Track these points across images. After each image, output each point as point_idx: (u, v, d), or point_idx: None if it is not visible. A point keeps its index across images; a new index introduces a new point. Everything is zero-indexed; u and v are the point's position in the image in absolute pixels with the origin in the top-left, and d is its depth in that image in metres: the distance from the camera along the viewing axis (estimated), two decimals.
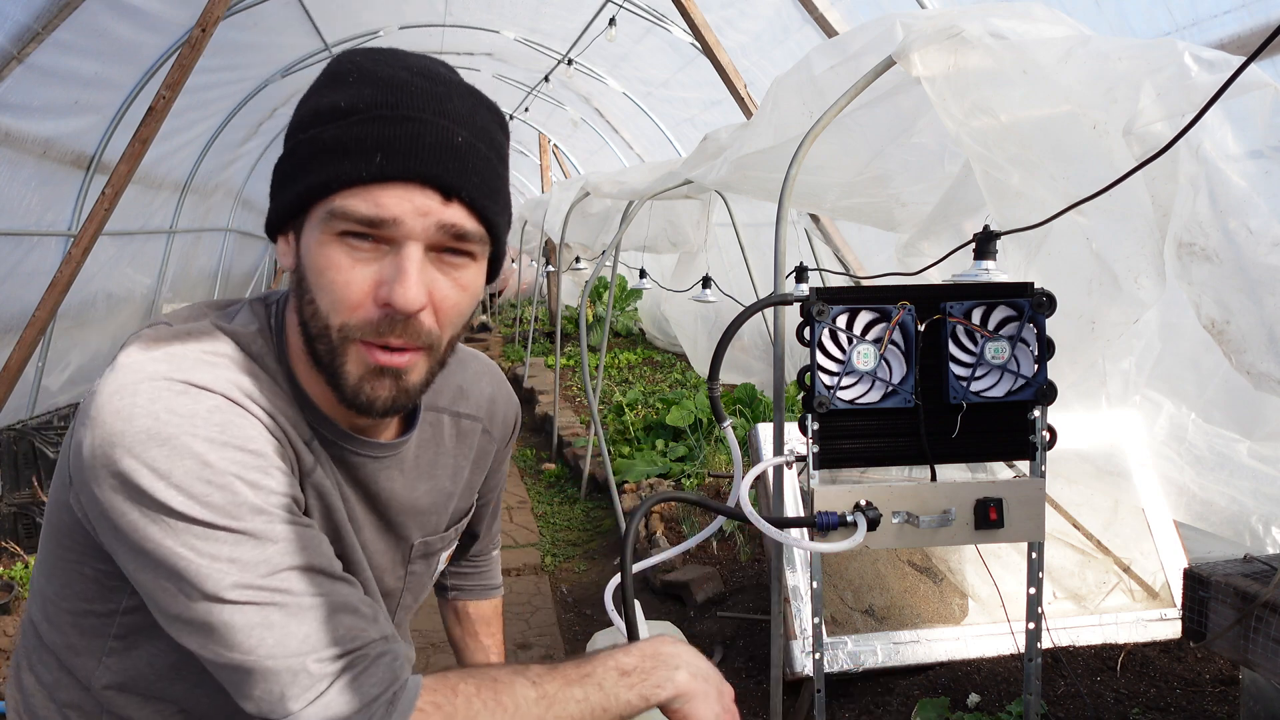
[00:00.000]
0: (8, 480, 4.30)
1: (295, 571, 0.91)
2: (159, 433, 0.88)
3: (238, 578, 0.89)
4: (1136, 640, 2.82)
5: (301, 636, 0.90)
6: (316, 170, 0.92)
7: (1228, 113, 1.61)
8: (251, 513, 0.90)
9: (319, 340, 0.96)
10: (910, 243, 2.42)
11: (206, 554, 0.88)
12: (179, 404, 0.89)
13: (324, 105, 0.94)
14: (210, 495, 0.88)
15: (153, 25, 5.18)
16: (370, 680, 0.91)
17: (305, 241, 0.96)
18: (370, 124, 0.91)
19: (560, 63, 8.82)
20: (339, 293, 0.93)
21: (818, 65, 2.19)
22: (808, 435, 1.58)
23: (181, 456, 0.88)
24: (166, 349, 0.94)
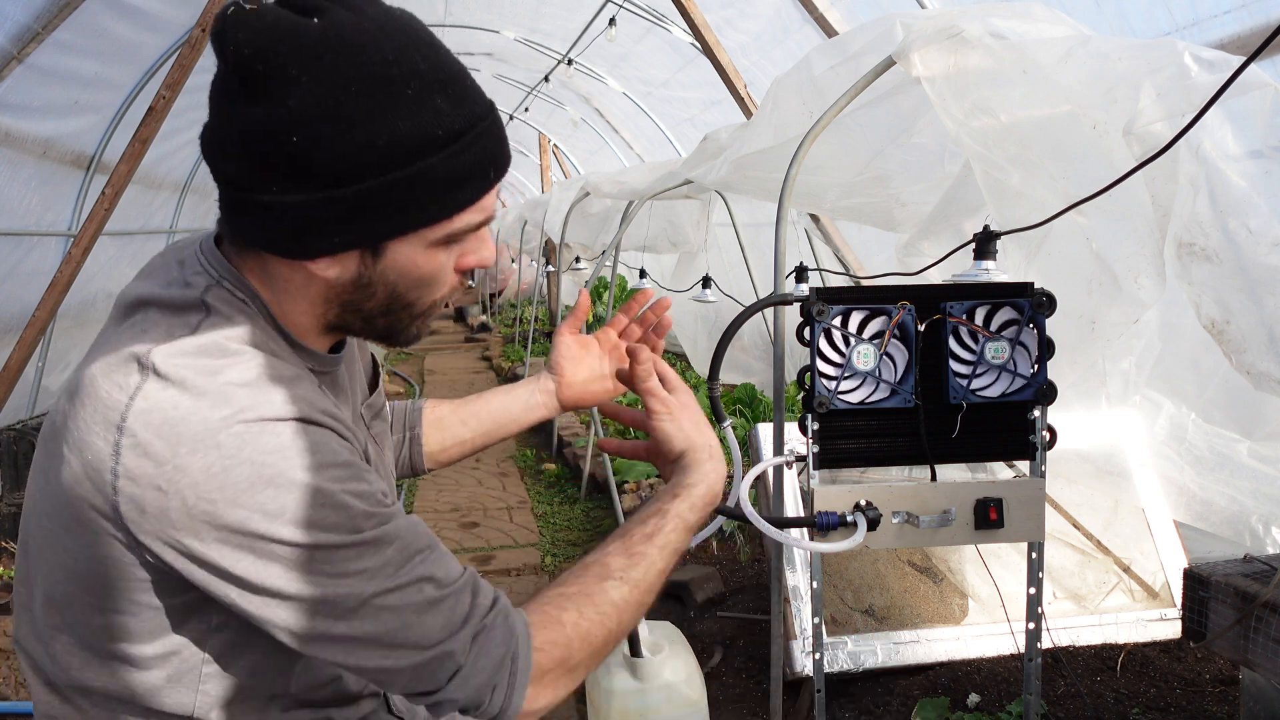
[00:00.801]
0: (8, 480, 4.30)
1: (413, 562, 0.96)
2: (260, 476, 0.88)
3: (372, 588, 0.93)
4: (1136, 640, 2.82)
5: (438, 625, 0.96)
6: (438, 203, 0.95)
7: (1228, 113, 1.61)
8: (365, 520, 0.93)
9: (388, 314, 1.04)
10: (910, 243, 2.42)
11: (337, 574, 0.92)
12: (265, 443, 0.89)
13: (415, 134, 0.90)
14: (327, 518, 0.90)
15: (153, 25, 5.18)
16: (495, 640, 0.99)
17: (396, 256, 0.97)
18: (476, 145, 0.94)
19: (560, 63, 8.82)
20: (439, 280, 1.02)
21: (818, 65, 2.19)
22: (808, 435, 1.58)
23: (290, 491, 0.89)
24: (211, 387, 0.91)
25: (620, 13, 6.93)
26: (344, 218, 0.92)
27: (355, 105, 0.87)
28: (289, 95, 0.86)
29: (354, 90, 0.87)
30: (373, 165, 0.89)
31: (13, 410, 4.83)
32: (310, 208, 0.91)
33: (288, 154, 0.88)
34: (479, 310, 14.98)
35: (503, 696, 1.00)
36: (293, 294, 1.02)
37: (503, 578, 4.46)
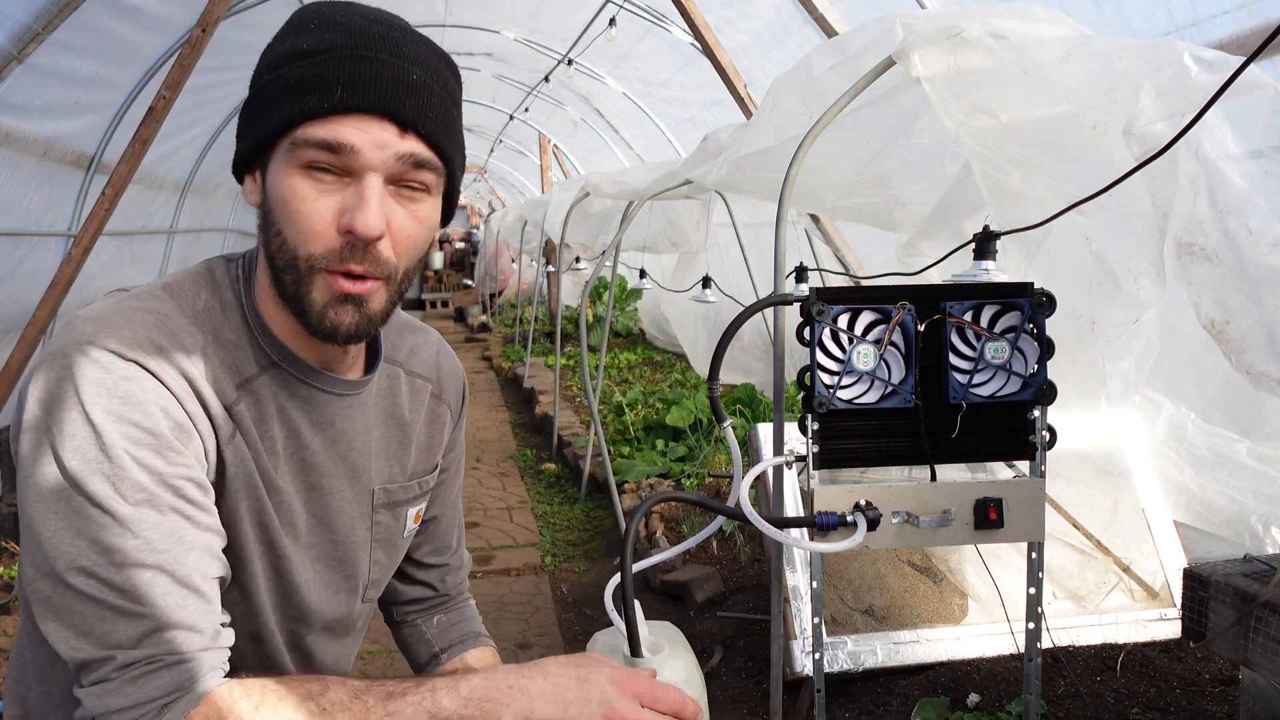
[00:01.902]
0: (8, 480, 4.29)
1: (143, 569, 0.93)
2: (72, 398, 0.93)
3: (86, 563, 0.92)
4: (1136, 640, 2.82)
5: (123, 633, 0.92)
6: (281, 107, 0.99)
7: (1228, 113, 1.61)
8: (133, 490, 0.93)
9: (286, 272, 1.01)
10: (910, 243, 2.42)
11: (71, 529, 0.92)
12: (92, 373, 0.94)
13: (287, 49, 1.01)
14: (102, 464, 0.92)
15: (153, 25, 5.18)
16: (156, 682, 0.92)
17: (271, 176, 1.01)
18: (331, 62, 0.98)
19: (560, 63, 8.82)
20: (304, 222, 0.98)
21: (818, 65, 2.19)
22: (808, 435, 1.58)
23: (84, 423, 0.92)
24: (108, 309, 0.99)
25: (620, 13, 6.93)
26: (243, 124, 1.04)
27: (274, 45, 1.04)
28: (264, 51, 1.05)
29: (283, 31, 1.05)
30: (260, 74, 1.03)
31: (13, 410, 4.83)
32: (241, 118, 1.05)
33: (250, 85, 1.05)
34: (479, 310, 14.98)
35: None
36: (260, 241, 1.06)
37: (503, 577, 4.46)
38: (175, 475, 0.96)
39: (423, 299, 18.32)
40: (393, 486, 1.24)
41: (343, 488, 1.17)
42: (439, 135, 1.01)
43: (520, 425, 7.74)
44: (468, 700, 0.95)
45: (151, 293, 1.03)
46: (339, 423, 1.14)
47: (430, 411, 1.30)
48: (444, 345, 1.37)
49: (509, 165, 16.86)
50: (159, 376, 0.97)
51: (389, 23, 1.03)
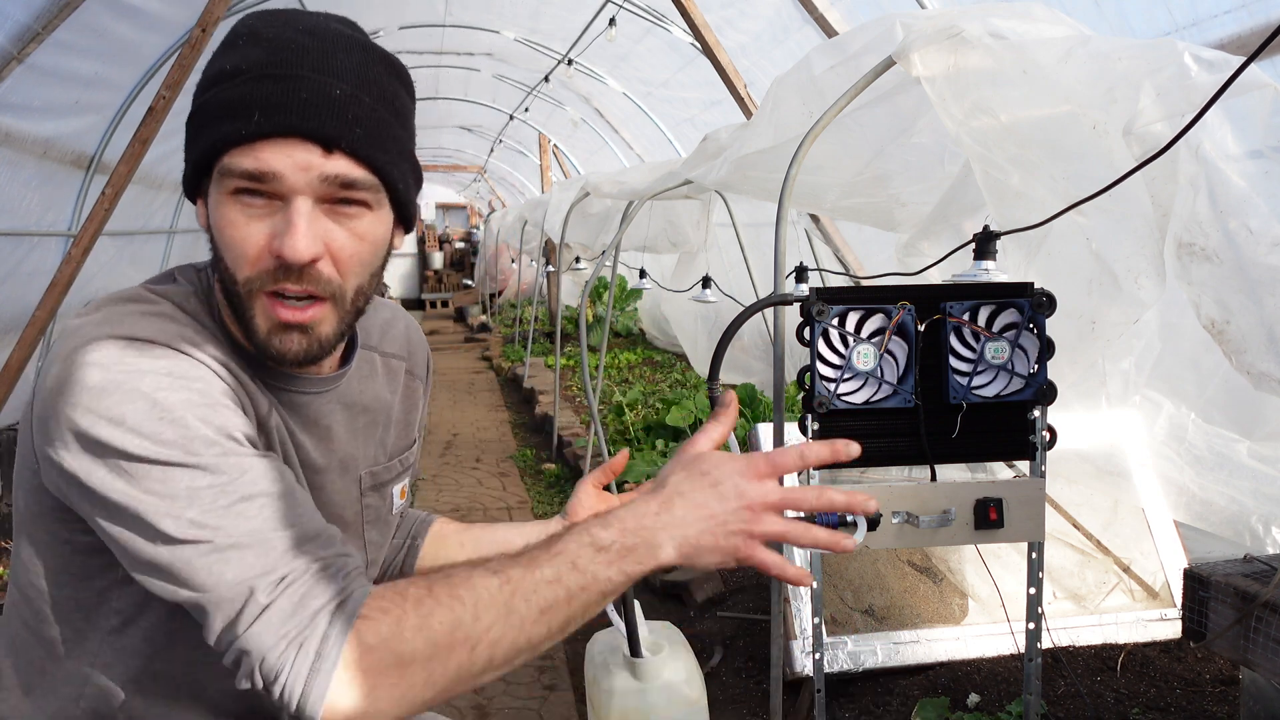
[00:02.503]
0: (7, 480, 4.29)
1: (249, 501, 0.92)
2: (109, 382, 0.90)
3: (194, 514, 0.90)
4: (1136, 640, 2.82)
5: (254, 564, 0.90)
6: (206, 134, 0.97)
7: (1228, 113, 1.61)
8: (205, 445, 0.91)
9: (232, 297, 1.00)
10: (910, 243, 2.42)
11: (164, 494, 0.90)
12: (125, 356, 0.92)
13: (214, 70, 0.99)
14: (163, 432, 0.90)
15: (153, 25, 5.17)
16: (315, 593, 0.89)
17: (210, 203, 1.00)
18: (251, 84, 0.95)
19: (560, 63, 8.81)
20: (239, 248, 0.97)
21: (818, 65, 2.19)
22: (808, 435, 1.58)
23: (132, 400, 0.90)
24: (106, 313, 0.97)
25: (620, 13, 6.93)
26: (186, 146, 1.01)
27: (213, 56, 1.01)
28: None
29: (217, 49, 1.01)
30: (195, 97, 1.00)
31: (13, 410, 4.82)
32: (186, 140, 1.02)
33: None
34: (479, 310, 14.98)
35: (306, 666, 0.86)
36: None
37: None
38: (238, 429, 0.95)
39: (423, 299, 18.33)
40: (377, 469, 1.25)
41: (335, 481, 1.17)
42: (369, 150, 0.98)
43: (520, 425, 7.74)
44: (623, 530, 0.96)
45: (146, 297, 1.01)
46: (323, 419, 1.15)
47: (405, 388, 1.31)
48: (409, 319, 1.39)
49: (509, 165, 16.87)
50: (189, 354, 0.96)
51: (320, 32, 0.99)
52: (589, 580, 0.94)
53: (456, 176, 20.14)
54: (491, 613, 0.91)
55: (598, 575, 0.94)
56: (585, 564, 0.94)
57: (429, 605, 0.90)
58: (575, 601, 0.95)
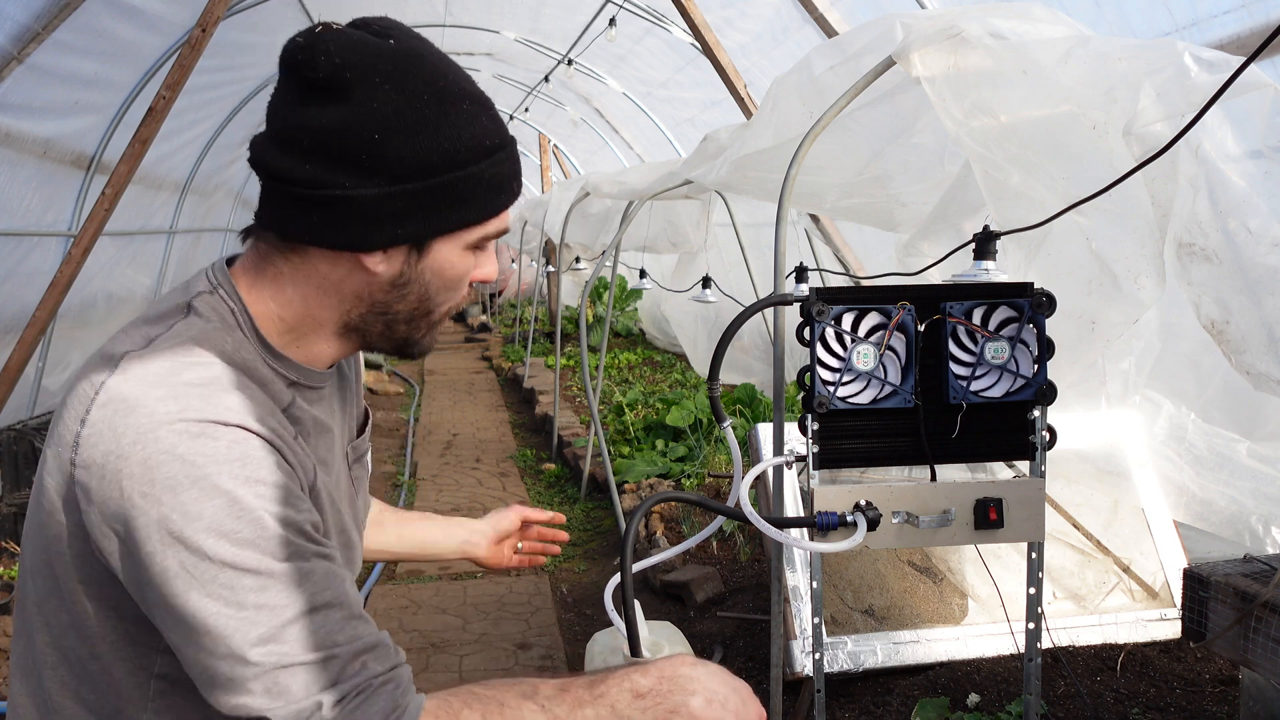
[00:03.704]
0: (8, 480, 4.30)
1: (315, 614, 0.95)
2: (189, 476, 0.91)
3: (262, 630, 0.92)
4: (1136, 640, 2.82)
5: (320, 679, 0.93)
6: (478, 204, 1.07)
7: (1227, 113, 1.61)
8: (279, 546, 0.94)
9: (409, 322, 1.13)
10: (910, 243, 2.42)
11: (234, 603, 0.92)
12: (201, 445, 0.93)
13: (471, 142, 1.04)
14: (241, 532, 0.92)
15: (153, 25, 5.18)
16: (372, 708, 0.94)
17: (436, 255, 1.08)
18: (510, 160, 1.09)
19: (560, 63, 8.82)
20: (460, 287, 1.13)
21: (818, 65, 2.19)
22: (808, 435, 1.58)
23: (211, 497, 0.92)
24: (166, 384, 0.96)
25: (620, 13, 6.93)
26: (408, 211, 1.03)
27: (427, 112, 1.01)
28: (373, 99, 0.99)
29: (425, 99, 1.02)
30: (439, 165, 1.02)
31: (13, 410, 4.83)
32: (381, 200, 1.02)
33: (367, 151, 1.00)
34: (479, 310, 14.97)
35: None
36: (325, 290, 1.09)
37: (503, 577, 4.46)
38: (306, 522, 0.99)
39: None
40: (356, 441, 1.31)
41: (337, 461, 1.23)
42: None
43: (520, 425, 7.74)
44: (660, 678, 1.05)
45: (189, 353, 1.01)
46: (328, 410, 1.21)
47: (356, 360, 1.37)
48: None
49: None
50: (259, 434, 0.98)
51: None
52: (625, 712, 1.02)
53: None
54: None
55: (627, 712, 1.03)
56: (624, 708, 1.02)
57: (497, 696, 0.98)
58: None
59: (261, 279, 1.09)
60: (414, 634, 3.74)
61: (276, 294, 1.09)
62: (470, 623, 3.96)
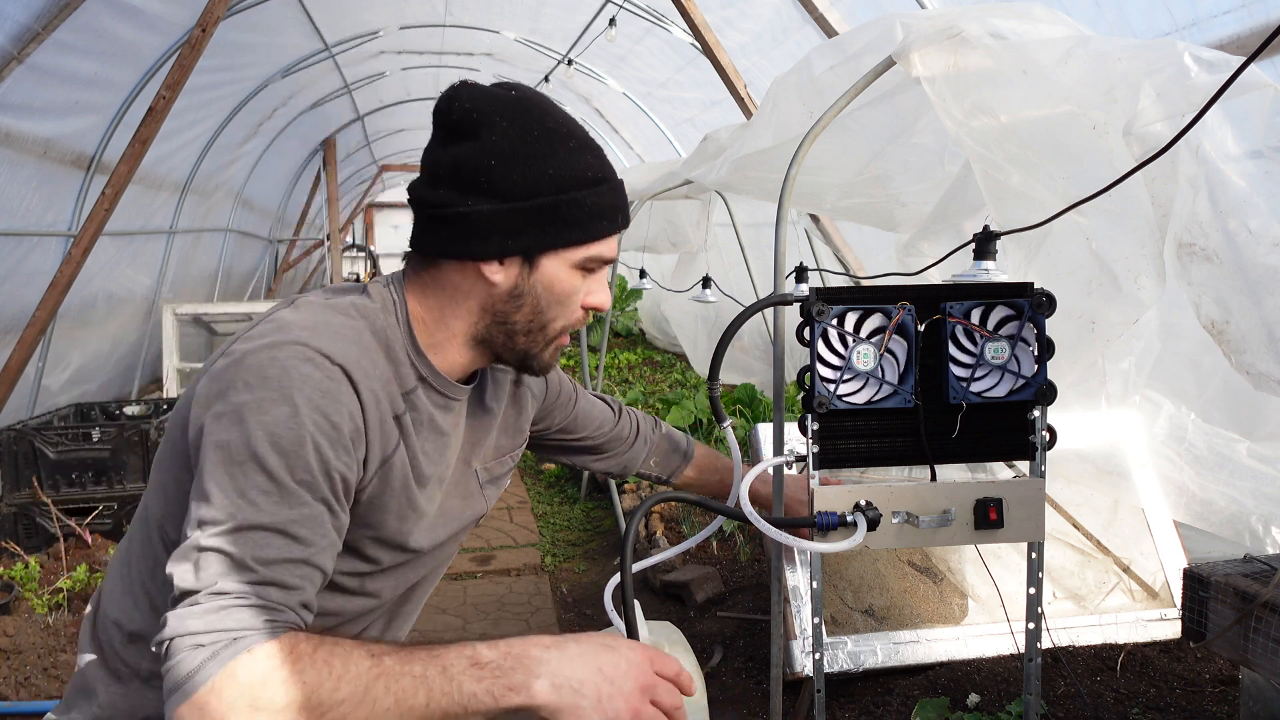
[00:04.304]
0: (8, 480, 4.29)
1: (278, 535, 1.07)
2: (278, 378, 1.11)
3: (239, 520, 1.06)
4: (1136, 640, 2.82)
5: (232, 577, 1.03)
6: (582, 228, 1.27)
7: (1227, 113, 1.61)
8: (302, 470, 1.10)
9: (528, 334, 1.32)
10: (910, 243, 2.42)
11: (237, 489, 1.07)
12: (303, 368, 1.13)
13: (574, 172, 1.26)
14: (284, 439, 1.09)
15: (153, 25, 5.17)
16: (237, 616, 1.00)
17: (545, 270, 1.29)
18: (613, 193, 1.30)
19: (560, 63, 8.81)
20: (571, 305, 1.32)
21: (818, 65, 2.19)
22: (808, 435, 1.58)
23: (283, 404, 1.10)
24: (314, 316, 1.21)
25: (620, 13, 6.93)
26: (518, 226, 1.25)
27: (537, 147, 1.25)
28: (493, 135, 1.24)
29: (535, 134, 1.25)
30: (545, 188, 1.25)
31: (13, 410, 4.83)
32: (494, 216, 1.24)
33: (485, 175, 1.23)
34: None
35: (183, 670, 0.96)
36: (457, 299, 1.31)
37: (503, 577, 4.46)
38: (337, 470, 1.14)
39: None
40: (490, 464, 1.53)
41: (460, 474, 1.45)
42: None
43: None
44: (506, 653, 1.06)
45: (347, 311, 1.25)
46: (458, 422, 1.41)
47: (511, 396, 1.58)
48: None
49: None
50: (356, 386, 1.17)
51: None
52: (452, 689, 1.01)
53: None
54: (349, 688, 0.99)
55: (463, 687, 1.01)
56: (456, 673, 1.02)
57: (304, 664, 0.99)
58: (434, 704, 1.00)
59: (414, 288, 1.33)
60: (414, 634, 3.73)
61: (423, 299, 1.32)
62: (470, 623, 3.96)
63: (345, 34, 8.04)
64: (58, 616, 3.30)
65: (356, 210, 18.66)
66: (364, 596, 1.34)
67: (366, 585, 1.33)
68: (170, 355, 6.88)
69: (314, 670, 0.98)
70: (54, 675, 2.99)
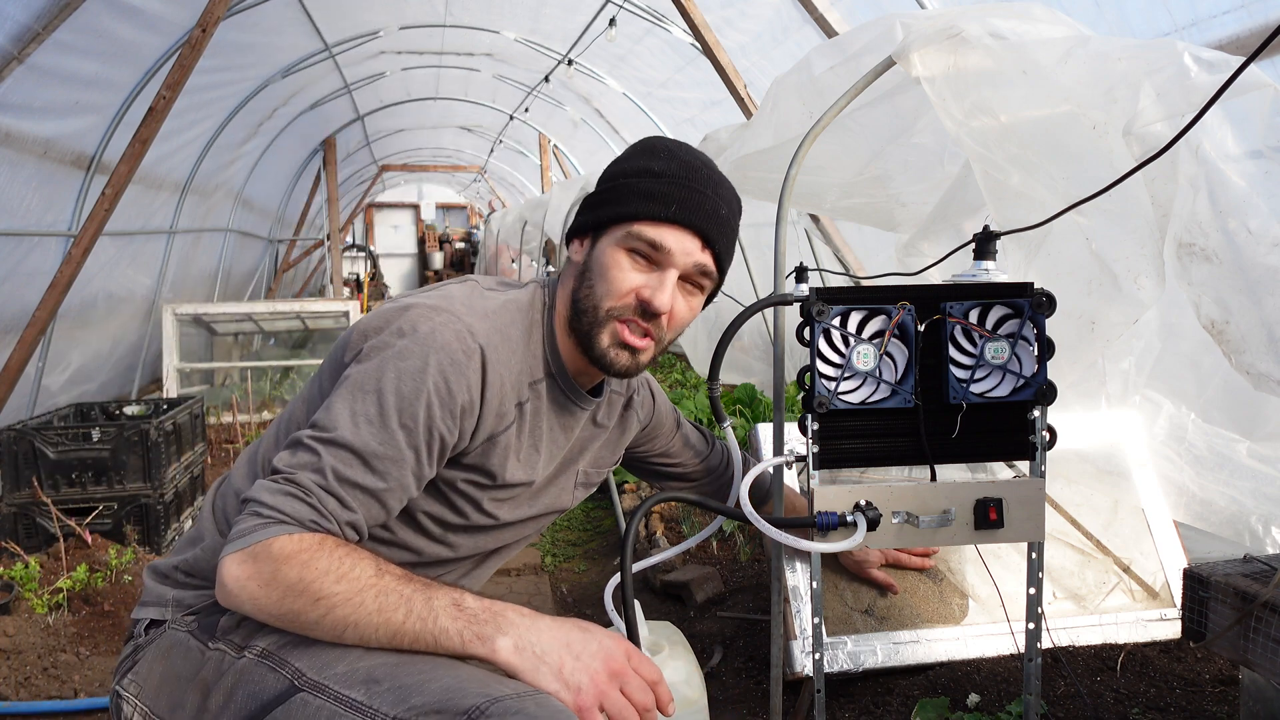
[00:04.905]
0: (8, 480, 4.29)
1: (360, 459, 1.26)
2: (425, 337, 1.30)
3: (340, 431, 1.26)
4: (1136, 640, 2.82)
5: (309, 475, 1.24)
6: (628, 204, 1.41)
7: (1227, 113, 1.61)
8: (409, 417, 1.28)
9: (585, 315, 1.43)
10: (910, 243, 2.42)
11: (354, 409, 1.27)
12: (447, 337, 1.31)
13: (639, 165, 1.44)
14: (404, 385, 1.28)
15: (153, 25, 5.17)
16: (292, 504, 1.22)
17: (600, 246, 1.44)
18: (673, 186, 1.41)
19: (560, 63, 8.82)
20: (615, 284, 1.41)
21: (818, 65, 2.19)
22: (808, 435, 1.58)
23: (416, 357, 1.29)
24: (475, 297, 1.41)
25: (620, 13, 6.93)
26: (591, 206, 1.47)
27: (631, 152, 1.49)
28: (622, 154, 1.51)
29: (639, 149, 1.49)
30: (614, 175, 1.48)
31: (13, 410, 4.83)
32: (584, 204, 1.49)
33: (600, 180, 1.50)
34: None
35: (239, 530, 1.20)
36: (565, 282, 1.50)
37: (502, 577, 4.46)
38: (438, 429, 1.30)
39: None
40: (590, 470, 1.69)
41: (563, 470, 1.61)
42: (725, 255, 1.47)
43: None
44: (485, 607, 1.18)
45: (501, 302, 1.44)
46: (574, 425, 1.58)
47: (620, 418, 1.74)
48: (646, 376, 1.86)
49: (509, 165, 16.87)
50: (486, 364, 1.34)
51: (711, 166, 1.47)
52: (429, 618, 1.15)
53: (457, 177, 20.13)
54: (345, 587, 1.16)
55: (438, 620, 1.15)
56: (437, 606, 1.17)
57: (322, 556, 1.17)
58: (409, 624, 1.15)
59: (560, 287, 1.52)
60: None
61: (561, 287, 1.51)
62: None
63: (345, 34, 8.04)
64: (57, 616, 3.30)
65: (356, 210, 18.67)
66: (442, 545, 1.49)
67: (448, 536, 1.49)
68: (170, 355, 6.88)
69: (325, 561, 1.16)
70: (54, 675, 2.98)
